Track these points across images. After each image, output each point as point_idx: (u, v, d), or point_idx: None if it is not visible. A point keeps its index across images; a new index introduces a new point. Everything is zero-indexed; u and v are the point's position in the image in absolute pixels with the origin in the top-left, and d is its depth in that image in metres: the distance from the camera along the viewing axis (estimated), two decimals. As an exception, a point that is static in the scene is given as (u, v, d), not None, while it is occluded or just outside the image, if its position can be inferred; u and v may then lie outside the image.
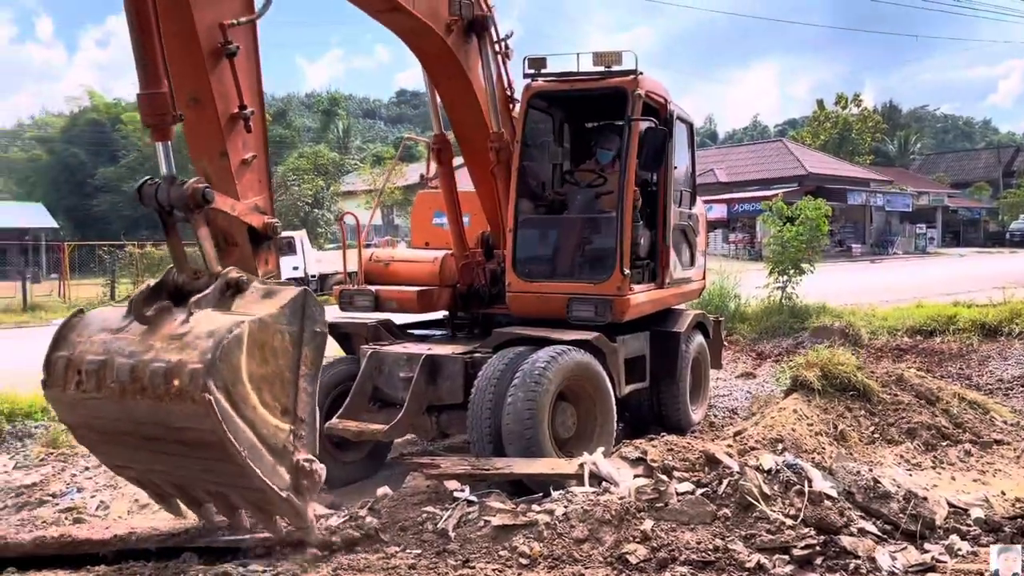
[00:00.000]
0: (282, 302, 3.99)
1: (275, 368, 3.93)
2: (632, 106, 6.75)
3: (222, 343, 3.64)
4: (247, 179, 4.42)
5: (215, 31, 4.18)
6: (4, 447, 8.03)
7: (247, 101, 4.34)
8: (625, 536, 4.62)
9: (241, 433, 3.73)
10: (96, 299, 27.46)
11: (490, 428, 5.98)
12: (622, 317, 6.68)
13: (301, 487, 4.05)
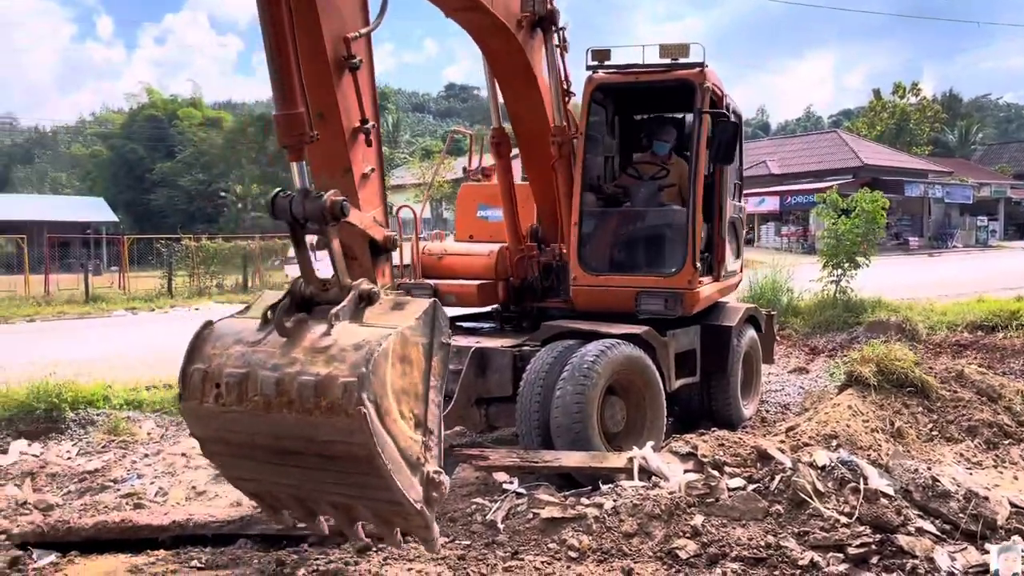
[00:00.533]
0: (416, 314, 3.92)
1: (412, 380, 3.89)
2: (701, 98, 6.74)
3: (373, 356, 3.59)
4: (367, 193, 4.38)
5: (340, 44, 4.17)
6: (68, 434, 8.30)
7: (368, 114, 4.34)
8: (675, 531, 4.60)
9: (387, 446, 3.68)
10: (154, 291, 28.21)
11: (539, 421, 5.98)
12: (692, 310, 6.71)
13: (430, 499, 4.00)
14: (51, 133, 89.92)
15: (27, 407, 8.39)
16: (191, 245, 30.64)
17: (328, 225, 3.92)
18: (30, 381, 8.69)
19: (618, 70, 7.16)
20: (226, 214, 49.58)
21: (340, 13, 4.17)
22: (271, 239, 35.08)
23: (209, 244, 31.35)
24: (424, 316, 3.93)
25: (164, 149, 54.12)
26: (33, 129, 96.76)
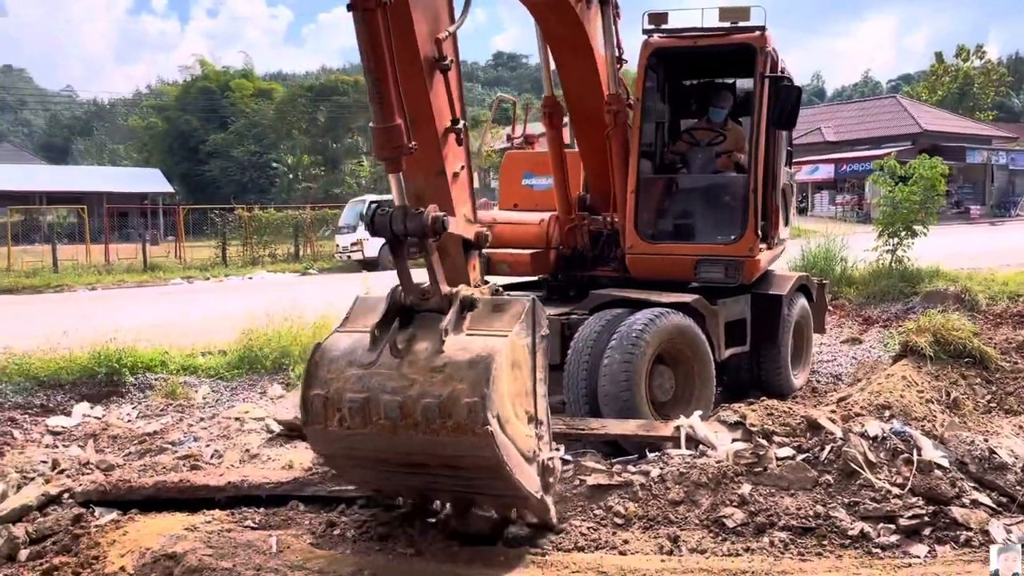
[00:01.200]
0: (519, 317, 3.97)
1: (522, 382, 4.00)
2: (763, 63, 6.62)
3: (491, 373, 3.65)
4: (458, 191, 4.40)
5: (431, 46, 4.15)
6: (128, 397, 8.57)
7: (458, 113, 4.32)
8: (722, 499, 4.58)
9: (509, 451, 3.78)
10: (208, 260, 28.80)
11: (586, 390, 5.98)
12: (751, 278, 6.66)
13: (547, 484, 4.16)
14: (109, 105, 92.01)
15: (89, 371, 8.69)
16: (244, 215, 31.17)
17: (428, 240, 3.93)
18: (92, 346, 8.99)
19: (676, 34, 7.04)
20: (278, 184, 50.25)
21: (432, 14, 4.14)
22: (321, 208, 35.50)
23: (261, 214, 31.86)
24: (526, 317, 3.99)
25: (217, 120, 54.92)
26: (91, 102, 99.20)
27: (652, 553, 4.21)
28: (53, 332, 9.28)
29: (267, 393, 8.76)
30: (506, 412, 3.77)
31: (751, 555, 4.14)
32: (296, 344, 9.67)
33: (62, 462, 6.02)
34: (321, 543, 4.53)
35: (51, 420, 7.67)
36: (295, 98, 53.38)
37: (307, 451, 6.16)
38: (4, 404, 8.06)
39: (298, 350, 9.59)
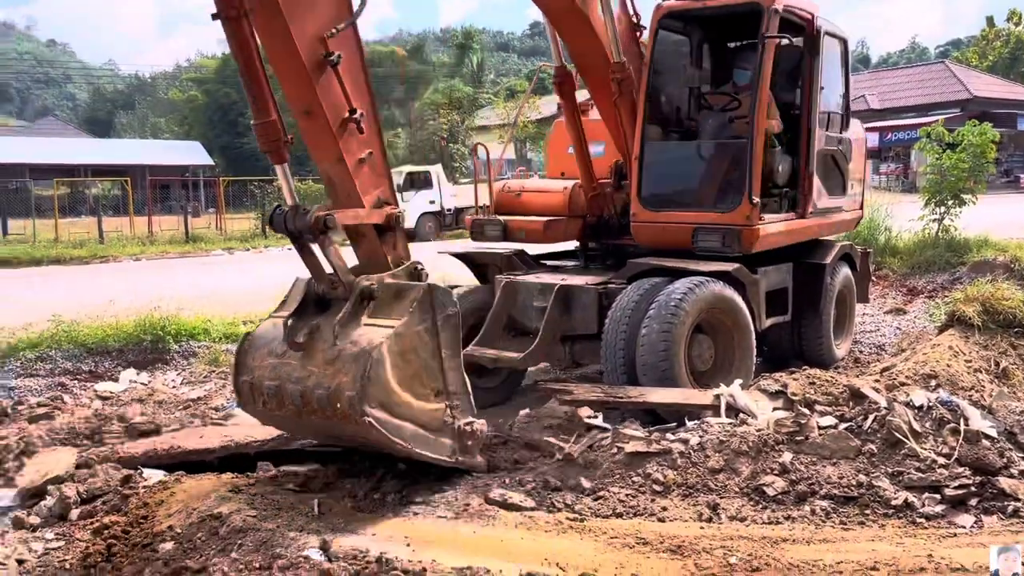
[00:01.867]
0: (410, 305, 4.33)
1: (419, 363, 4.33)
2: (767, 23, 6.36)
3: (368, 370, 4.06)
4: (365, 176, 4.61)
5: (316, 44, 4.28)
6: (172, 364, 8.74)
7: (356, 104, 4.46)
8: (762, 468, 4.55)
9: (404, 431, 4.24)
10: (248, 231, 29.13)
11: (624, 359, 5.96)
12: (751, 248, 6.42)
13: (466, 447, 4.56)
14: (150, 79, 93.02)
15: (135, 339, 8.88)
16: (283, 187, 31.32)
17: (319, 236, 4.33)
18: (137, 315, 9.18)
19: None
20: (316, 156, 50.49)
21: (313, 15, 4.28)
22: (359, 180, 35.51)
23: (299, 186, 32.03)
24: (420, 303, 4.35)
25: (255, 93, 55.25)
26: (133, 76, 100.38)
27: (691, 520, 4.20)
28: (100, 301, 9.50)
29: (308, 361, 8.87)
30: (397, 398, 4.20)
31: (792, 523, 4.12)
32: (335, 313, 9.76)
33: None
34: (362, 506, 4.59)
35: (99, 385, 7.87)
36: (332, 69, 53.44)
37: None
38: (54, 370, 8.28)
39: (337, 319, 9.69)
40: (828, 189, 7.41)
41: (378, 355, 4.11)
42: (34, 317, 9.56)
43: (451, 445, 4.51)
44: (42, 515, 4.69)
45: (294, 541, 3.89)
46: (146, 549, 4.06)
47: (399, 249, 4.79)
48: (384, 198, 4.71)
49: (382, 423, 4.13)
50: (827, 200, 7.43)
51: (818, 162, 7.07)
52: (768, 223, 6.60)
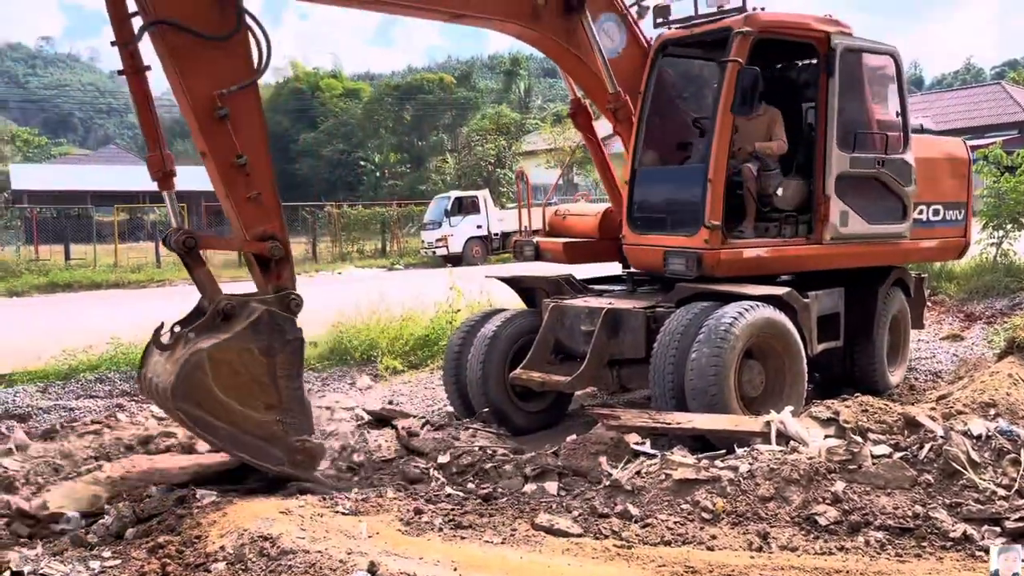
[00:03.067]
0: (241, 325, 4.98)
1: (249, 376, 4.97)
2: (732, 46, 6.35)
3: (183, 371, 4.81)
4: (251, 213, 5.22)
5: (208, 100, 4.96)
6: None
7: (245, 151, 5.09)
8: (814, 497, 4.46)
9: (219, 431, 4.91)
10: (299, 256, 29.62)
11: (673, 384, 5.91)
12: (714, 272, 6.36)
13: (298, 462, 5.12)
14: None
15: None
16: (333, 212, 31.98)
17: (186, 256, 5.07)
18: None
19: (679, 25, 7.08)
20: (365, 182, 51.29)
21: (207, 75, 4.97)
22: (407, 205, 36.08)
23: (349, 211, 32.62)
24: (251, 325, 4.98)
25: (307, 120, 56.40)
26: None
27: (741, 549, 4.14)
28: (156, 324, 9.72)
29: (356, 384, 8.98)
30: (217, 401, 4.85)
31: (845, 554, 4.03)
32: (384, 337, 9.88)
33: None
34: (409, 530, 4.61)
35: (156, 409, 8.04)
36: (382, 97, 54.37)
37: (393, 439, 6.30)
38: (112, 391, 8.50)
39: (385, 342, 9.80)
40: (867, 215, 7.07)
41: (196, 359, 4.80)
42: (94, 340, 9.84)
43: (279, 456, 5.07)
44: (99, 534, 4.80)
45: (343, 564, 3.92)
46: (199, 569, 4.12)
47: (282, 279, 5.31)
48: (270, 233, 5.24)
49: (193, 418, 4.84)
50: (863, 226, 7.06)
51: (844, 185, 6.86)
52: (741, 248, 6.52)
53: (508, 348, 7.03)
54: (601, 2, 6.88)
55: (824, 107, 6.77)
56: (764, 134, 7.01)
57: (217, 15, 5.00)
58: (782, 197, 6.81)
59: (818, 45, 6.78)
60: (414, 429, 6.42)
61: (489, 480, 5.48)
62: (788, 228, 6.87)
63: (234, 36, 5.05)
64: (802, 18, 6.84)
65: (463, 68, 66.62)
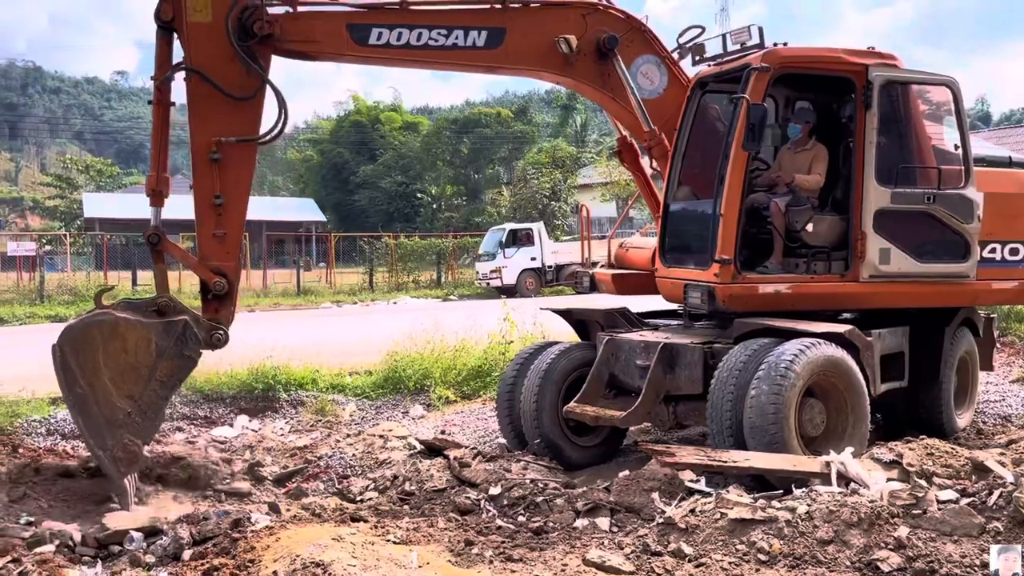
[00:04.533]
0: (161, 320, 5.50)
1: (133, 361, 5.38)
2: (744, 82, 6.37)
3: (86, 320, 5.44)
4: (213, 246, 5.83)
5: (207, 142, 5.72)
6: (281, 412, 9.05)
7: (223, 193, 5.75)
8: (876, 542, 4.32)
9: (78, 388, 5.29)
10: (357, 285, 30.06)
11: (731, 421, 5.80)
12: (728, 306, 6.34)
13: (117, 458, 5.36)
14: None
15: (248, 387, 9.26)
16: (390, 243, 32.41)
17: (151, 249, 5.81)
18: (250, 364, 9.56)
19: (713, 63, 7.15)
20: (422, 213, 51.96)
21: (214, 124, 5.72)
22: (463, 237, 36.40)
23: (406, 242, 33.03)
24: (167, 325, 5.51)
25: (367, 153, 57.50)
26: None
27: (799, 593, 4.02)
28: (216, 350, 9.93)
29: (409, 413, 9.03)
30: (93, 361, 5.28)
31: (909, 603, 3.88)
32: (437, 366, 9.92)
33: None
34: (460, 561, 4.60)
35: (215, 431, 8.21)
36: (440, 131, 55.19)
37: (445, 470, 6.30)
38: (173, 415, 8.68)
39: (439, 372, 9.84)
40: (917, 253, 6.77)
41: (103, 318, 5.37)
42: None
43: (107, 443, 5.36)
44: (157, 554, 4.89)
45: (393, 592, 3.92)
46: (252, 592, 4.17)
47: (218, 313, 5.84)
48: (222, 271, 5.81)
49: (64, 362, 5.26)
50: (912, 265, 6.75)
51: (886, 222, 6.62)
52: (756, 283, 6.43)
53: (562, 381, 7.00)
54: (636, 47, 7.00)
55: (862, 141, 6.63)
56: (806, 168, 6.93)
57: (242, 77, 5.74)
58: (813, 233, 6.68)
59: (855, 78, 6.67)
60: (466, 460, 6.42)
61: (540, 514, 5.44)
62: (819, 264, 6.73)
63: (248, 99, 5.78)
64: (831, 52, 6.76)
65: (520, 103, 67.32)
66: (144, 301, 5.70)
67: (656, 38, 7.14)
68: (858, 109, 6.65)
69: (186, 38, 5.68)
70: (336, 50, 6.33)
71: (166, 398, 5.72)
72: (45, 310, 21.22)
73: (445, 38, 6.33)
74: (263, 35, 5.77)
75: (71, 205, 53.29)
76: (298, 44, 6.08)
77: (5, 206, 78.79)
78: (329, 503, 5.83)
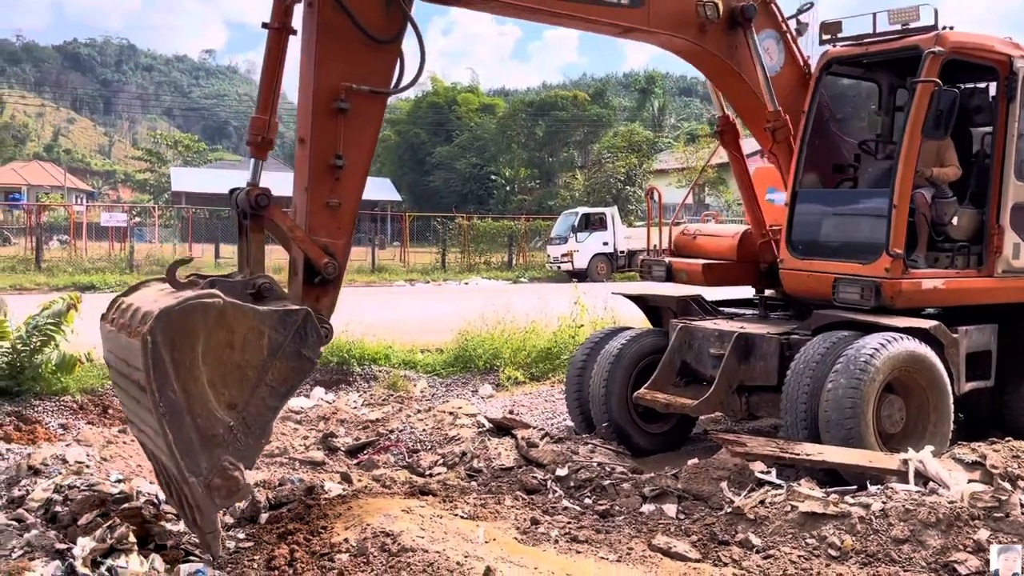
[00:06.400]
0: (277, 308, 4.25)
1: (239, 359, 4.11)
2: (925, 66, 6.03)
3: (186, 304, 3.92)
4: (324, 218, 4.71)
5: (332, 89, 4.60)
6: (355, 386, 9.26)
7: (344, 154, 4.66)
8: (954, 543, 4.20)
9: (169, 391, 3.90)
10: (429, 265, 30.44)
11: (806, 414, 5.69)
12: (893, 303, 6.04)
13: (213, 484, 4.05)
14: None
15: (323, 360, 9.47)
16: (463, 224, 32.67)
17: (249, 216, 4.47)
18: (327, 337, 9.81)
19: (852, 43, 6.76)
20: (495, 196, 52.17)
21: (345, 65, 4.63)
22: (535, 220, 36.41)
23: (479, 223, 33.24)
24: (285, 315, 4.23)
25: (444, 134, 57.98)
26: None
27: (871, 591, 3.94)
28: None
29: (478, 392, 9.12)
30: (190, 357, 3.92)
31: (987, 608, 3.77)
32: (507, 347, 9.99)
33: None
34: (525, 539, 4.65)
35: (292, 401, 8.45)
36: (516, 113, 55.20)
37: (512, 449, 6.36)
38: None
39: (508, 353, 9.91)
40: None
41: (209, 303, 3.99)
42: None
43: (201, 465, 4.01)
44: (235, 515, 5.08)
45: (459, 566, 3.99)
46: (324, 559, 4.29)
47: (322, 303, 4.68)
48: (332, 249, 4.71)
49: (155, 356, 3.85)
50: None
51: (1021, 217, 6.44)
52: (920, 278, 6.17)
53: (632, 367, 6.97)
54: (763, 20, 6.69)
55: (1003, 134, 6.41)
56: (934, 159, 6.68)
57: (382, 16, 4.74)
58: (957, 226, 6.47)
59: (1000, 68, 6.43)
60: (533, 440, 6.46)
61: (607, 497, 5.45)
62: (960, 259, 6.52)
63: (389, 43, 4.78)
64: (988, 40, 6.51)
65: (597, 85, 66.67)
66: (236, 281, 4.39)
67: (781, 12, 6.86)
68: (1000, 100, 6.45)
69: None
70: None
71: (276, 409, 4.36)
72: (134, 279, 22.10)
73: None
74: None
75: (160, 179, 55.39)
76: None
77: (99, 178, 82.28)
78: (399, 476, 5.95)
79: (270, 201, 4.51)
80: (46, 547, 4.24)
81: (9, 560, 4.02)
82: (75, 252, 29.21)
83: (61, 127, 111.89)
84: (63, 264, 25.47)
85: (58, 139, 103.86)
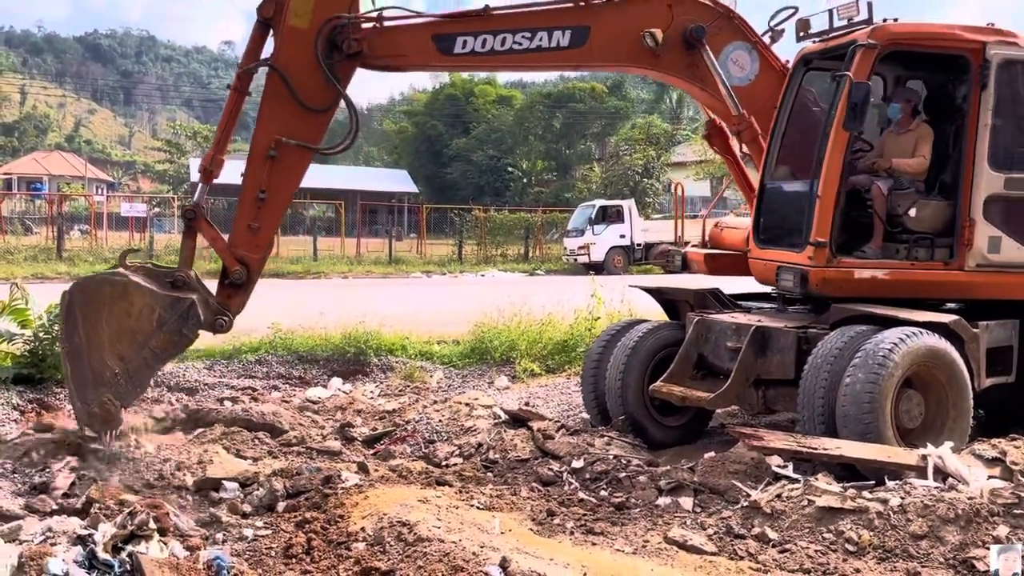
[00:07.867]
0: (172, 293, 5.57)
1: (133, 326, 5.46)
2: (849, 59, 6.04)
3: (102, 276, 5.71)
4: (246, 238, 5.85)
5: (268, 137, 5.76)
6: (372, 377, 9.30)
7: (268, 190, 5.79)
8: (973, 539, 4.18)
9: (76, 337, 5.37)
10: (446, 256, 30.48)
11: (823, 409, 5.66)
12: (821, 291, 6.15)
13: (93, 414, 5.43)
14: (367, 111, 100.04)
15: (340, 350, 9.55)
16: (480, 216, 32.70)
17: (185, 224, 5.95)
18: (343, 328, 9.86)
19: (816, 39, 6.82)
20: (512, 188, 52.13)
21: (280, 124, 5.77)
22: (551, 212, 36.37)
23: (496, 215, 33.26)
24: (175, 300, 5.54)
25: (460, 126, 57.92)
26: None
27: (888, 587, 3.93)
28: (312, 313, 10.29)
29: (494, 383, 9.14)
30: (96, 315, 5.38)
31: (1006, 604, 3.74)
32: (523, 339, 10.00)
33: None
34: (541, 530, 4.67)
35: (310, 391, 8.51)
36: (533, 105, 55.09)
37: (528, 440, 6.37)
38: (270, 373, 9.05)
39: (524, 345, 9.92)
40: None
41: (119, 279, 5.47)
42: (255, 324, 10.49)
43: (89, 397, 5.37)
44: (253, 504, 5.13)
45: (475, 556, 4.02)
46: (341, 547, 4.33)
47: (229, 301, 5.84)
48: (246, 261, 5.82)
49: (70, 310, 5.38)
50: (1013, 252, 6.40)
51: (999, 209, 6.28)
52: (852, 268, 6.18)
53: (649, 359, 6.95)
54: (726, 35, 6.80)
55: (975, 123, 6.27)
56: (911, 151, 6.61)
57: (320, 89, 5.79)
58: (916, 218, 6.38)
59: (971, 56, 6.30)
60: (549, 432, 6.47)
61: (622, 489, 5.45)
62: (922, 251, 6.43)
63: (320, 112, 5.87)
64: (946, 28, 6.39)
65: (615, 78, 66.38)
66: (164, 271, 5.77)
67: (746, 24, 6.92)
68: (973, 89, 6.31)
69: (280, 38, 5.75)
70: (422, 61, 6.36)
71: (154, 368, 5.78)
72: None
73: (529, 41, 6.26)
74: (351, 52, 5.79)
75: (179, 169, 55.70)
76: (385, 59, 6.09)
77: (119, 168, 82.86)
78: (415, 466, 5.97)
79: (196, 216, 5.87)
80: (68, 533, 4.30)
81: (31, 545, 4.08)
82: (96, 242, 29.52)
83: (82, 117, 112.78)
84: (84, 254, 25.75)
85: (79, 129, 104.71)
